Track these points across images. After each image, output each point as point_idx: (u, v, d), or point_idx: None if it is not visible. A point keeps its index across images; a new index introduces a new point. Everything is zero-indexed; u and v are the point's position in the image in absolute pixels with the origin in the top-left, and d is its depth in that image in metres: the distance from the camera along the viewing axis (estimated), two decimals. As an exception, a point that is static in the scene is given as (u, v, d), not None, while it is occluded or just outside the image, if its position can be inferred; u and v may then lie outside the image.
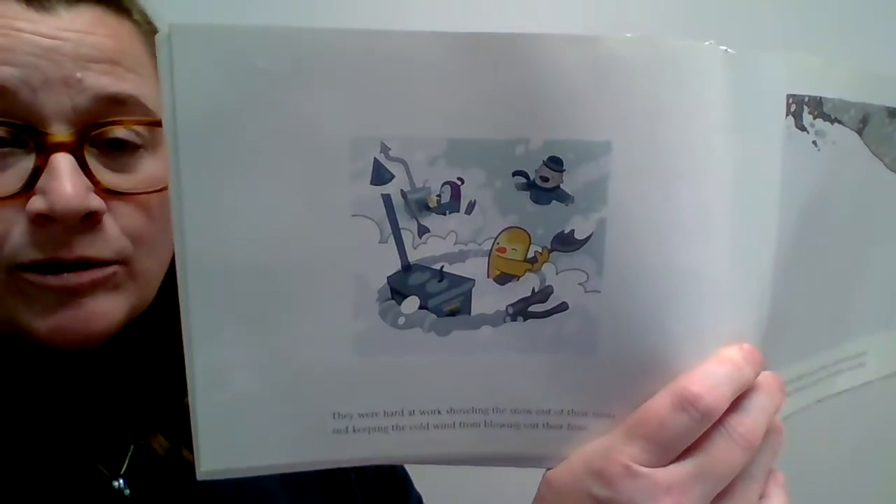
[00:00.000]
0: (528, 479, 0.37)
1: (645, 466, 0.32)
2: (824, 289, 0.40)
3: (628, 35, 0.31)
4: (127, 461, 0.49)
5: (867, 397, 0.45)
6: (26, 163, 0.40)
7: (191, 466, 0.33)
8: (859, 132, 0.38)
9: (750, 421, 0.32)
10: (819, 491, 0.84)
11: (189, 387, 0.32)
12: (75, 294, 0.42)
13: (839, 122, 0.37)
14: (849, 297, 0.43)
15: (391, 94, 0.30)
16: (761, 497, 0.35)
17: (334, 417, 0.33)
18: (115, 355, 0.47)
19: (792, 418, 0.39)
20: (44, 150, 0.40)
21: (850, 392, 0.44)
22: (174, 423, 0.49)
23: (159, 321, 0.48)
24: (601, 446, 0.33)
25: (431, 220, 0.32)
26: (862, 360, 0.46)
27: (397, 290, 0.33)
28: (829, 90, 0.36)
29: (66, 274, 0.41)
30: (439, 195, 0.32)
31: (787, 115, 0.34)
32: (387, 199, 0.31)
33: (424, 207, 0.32)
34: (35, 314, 0.42)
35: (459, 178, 0.32)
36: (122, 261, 0.44)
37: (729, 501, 0.33)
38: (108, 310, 0.43)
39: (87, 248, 0.42)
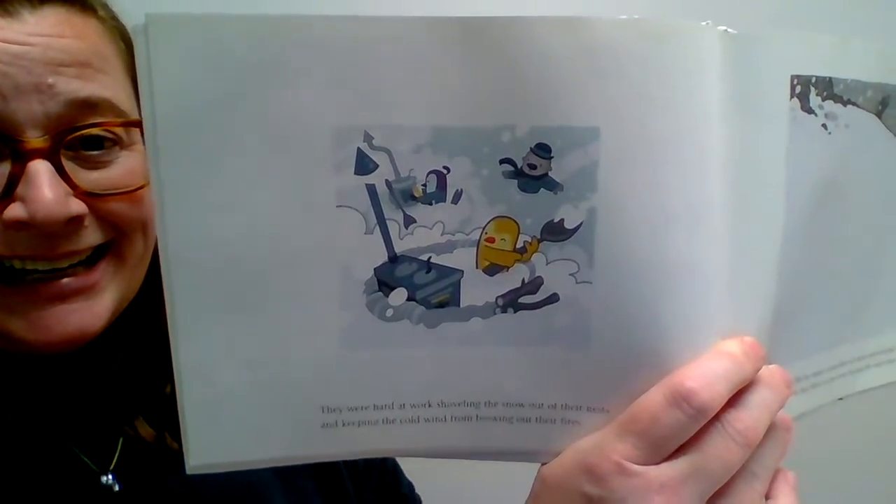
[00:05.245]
0: (526, 475, 0.36)
1: (637, 464, 0.31)
2: (842, 280, 0.38)
3: (622, 17, 0.30)
4: (116, 456, 0.49)
5: (882, 398, 0.43)
6: (1, 170, 0.40)
7: (179, 456, 0.33)
8: (878, 114, 0.36)
9: (748, 417, 0.31)
10: (832, 492, 0.81)
11: (176, 382, 0.32)
12: (62, 299, 0.42)
13: (853, 103, 0.35)
14: (873, 289, 0.41)
15: (373, 82, 0.30)
16: (767, 497, 0.33)
17: (323, 411, 0.33)
18: (98, 348, 0.47)
19: (806, 417, 0.37)
20: (19, 157, 0.40)
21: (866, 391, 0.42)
22: (157, 410, 0.49)
23: (140, 310, 0.48)
24: (594, 442, 0.32)
25: (417, 210, 0.31)
26: (891, 356, 0.43)
27: (384, 281, 0.32)
28: (840, 70, 0.34)
29: (52, 282, 0.41)
30: (425, 184, 0.31)
31: (791, 97, 0.32)
32: (371, 189, 0.31)
33: (410, 197, 0.31)
34: (21, 323, 0.42)
35: (445, 167, 0.31)
36: (109, 244, 0.44)
37: (728, 500, 0.32)
38: (96, 312, 0.43)
39: (72, 244, 0.42)
